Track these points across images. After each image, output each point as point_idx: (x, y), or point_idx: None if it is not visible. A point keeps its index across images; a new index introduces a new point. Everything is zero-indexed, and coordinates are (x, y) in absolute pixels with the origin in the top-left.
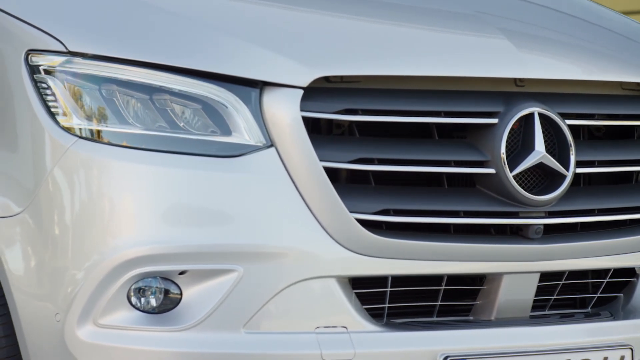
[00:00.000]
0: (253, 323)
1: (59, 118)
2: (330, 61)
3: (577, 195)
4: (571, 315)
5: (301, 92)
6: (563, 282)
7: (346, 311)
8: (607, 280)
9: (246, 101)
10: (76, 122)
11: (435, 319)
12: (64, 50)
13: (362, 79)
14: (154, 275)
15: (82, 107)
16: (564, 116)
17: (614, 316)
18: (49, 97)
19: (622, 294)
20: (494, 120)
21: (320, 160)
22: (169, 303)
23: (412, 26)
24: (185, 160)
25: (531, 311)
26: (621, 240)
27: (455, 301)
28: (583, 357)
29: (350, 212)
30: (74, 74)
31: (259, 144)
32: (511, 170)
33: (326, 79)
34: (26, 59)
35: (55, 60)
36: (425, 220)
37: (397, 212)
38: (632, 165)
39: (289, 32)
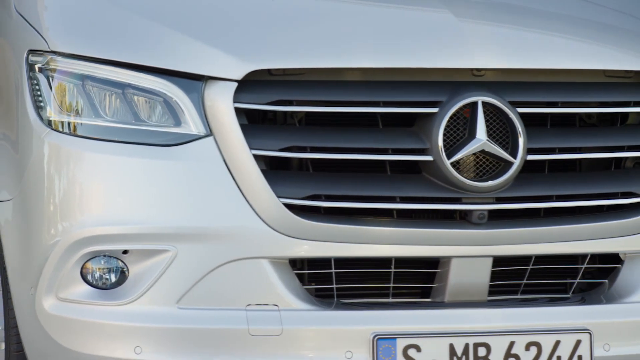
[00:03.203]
0: (186, 299)
1: (41, 111)
2: (266, 55)
3: (532, 182)
4: (533, 299)
5: (235, 84)
6: (531, 267)
7: (278, 290)
8: (586, 266)
9: (190, 94)
10: (49, 114)
11: (390, 300)
12: (48, 49)
13: (306, 71)
14: (100, 254)
15: (53, 100)
16: (520, 105)
17: (585, 301)
18: (37, 92)
19: (606, 280)
20: (434, 110)
21: (252, 149)
22: (117, 280)
23: (358, 12)
24: (131, 149)
25: (511, 296)
26: (579, 226)
27: (423, 284)
28: (530, 339)
29: (279, 197)
30: (52, 71)
31: (200, 134)
32: (449, 158)
33: (268, 71)
34: (27, 58)
35: (43, 59)
36: (355, 205)
37: (330, 198)
38: (612, 152)
39: (232, 26)
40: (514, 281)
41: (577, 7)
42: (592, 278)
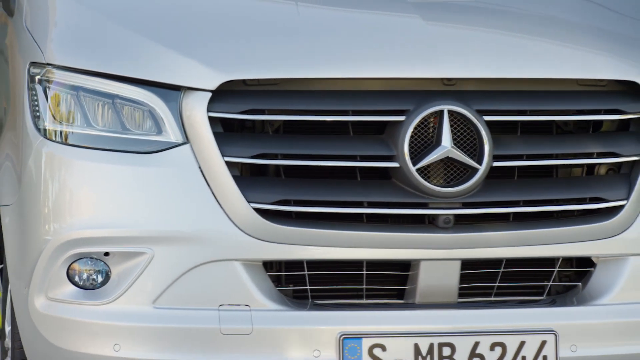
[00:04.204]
0: (162, 299)
1: (37, 121)
2: (239, 66)
3: (500, 188)
4: (503, 301)
5: (209, 94)
6: (503, 270)
7: (250, 291)
8: (558, 269)
9: (169, 103)
10: (44, 123)
11: (364, 301)
12: (44, 62)
13: (279, 81)
14: (84, 256)
15: (47, 110)
16: (488, 113)
17: (555, 303)
18: (35, 102)
19: (580, 283)
20: (401, 118)
21: (224, 156)
22: (100, 280)
23: (331, 22)
24: (114, 157)
25: (484, 298)
26: (548, 230)
27: (398, 286)
28: (495, 340)
29: (249, 202)
30: (49, 82)
31: (178, 141)
32: (415, 164)
33: (244, 81)
34: (28, 70)
35: (41, 70)
36: (324, 210)
37: (299, 203)
38: (581, 159)
39: (210, 38)
40: (486, 283)
41: (554, 9)
42: (569, 281)
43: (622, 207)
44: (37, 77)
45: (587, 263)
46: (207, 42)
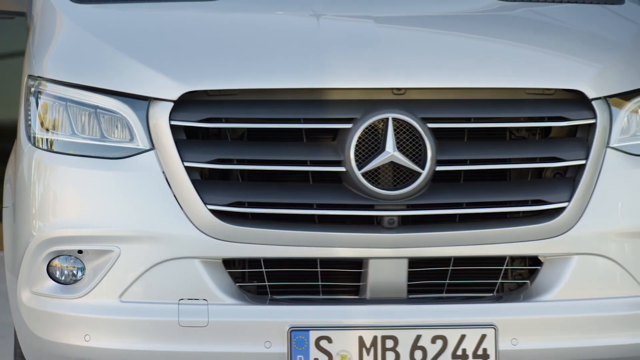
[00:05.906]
0: (128, 294)
1: (29, 129)
2: (199, 78)
3: (444, 190)
4: (448, 298)
5: (171, 104)
6: (452, 268)
7: (209, 287)
8: (506, 267)
9: (138, 112)
10: (32, 131)
11: (318, 297)
12: (36, 75)
13: (238, 91)
14: (61, 253)
15: (37, 119)
16: (432, 120)
17: (501, 299)
18: (28, 112)
19: (528, 281)
20: (348, 126)
21: (184, 161)
22: (75, 276)
23: (289, 32)
24: (90, 162)
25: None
26: (492, 231)
27: (354, 283)
28: (436, 333)
29: (206, 204)
30: (40, 93)
31: (145, 148)
32: (360, 169)
33: (206, 92)
34: (26, 82)
35: (34, 83)
36: (276, 211)
37: (253, 205)
38: (524, 163)
39: (177, 51)
40: (436, 281)
41: (507, 20)
42: (522, 279)
43: (563, 209)
44: (32, 89)
45: (535, 262)
46: (173, 56)
